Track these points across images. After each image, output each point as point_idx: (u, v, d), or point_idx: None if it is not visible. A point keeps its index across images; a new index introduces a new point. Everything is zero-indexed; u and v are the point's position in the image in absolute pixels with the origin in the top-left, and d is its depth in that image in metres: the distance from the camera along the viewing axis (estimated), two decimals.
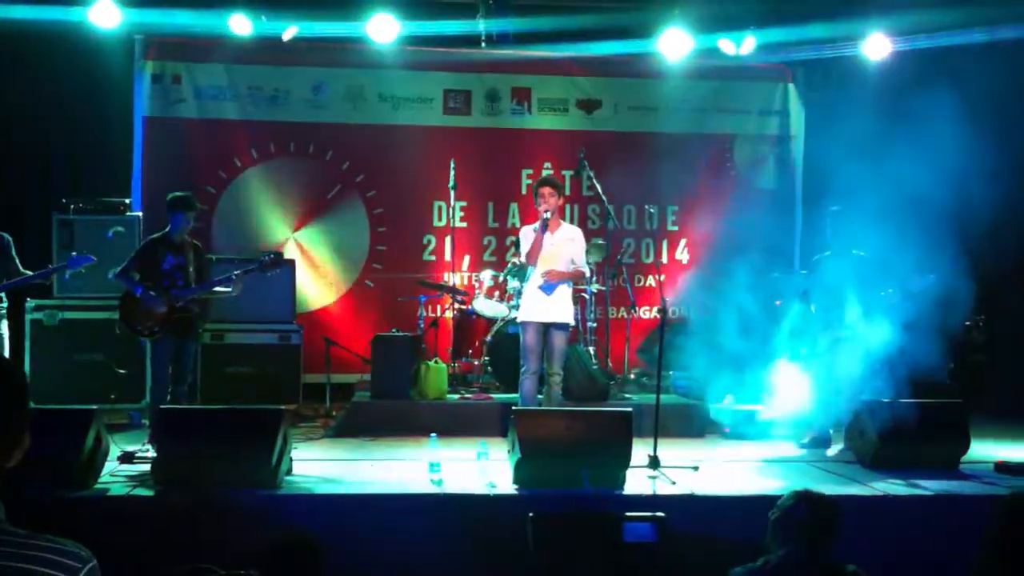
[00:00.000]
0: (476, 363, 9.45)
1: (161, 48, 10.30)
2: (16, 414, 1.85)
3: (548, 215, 7.37)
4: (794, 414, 8.06)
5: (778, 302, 8.73)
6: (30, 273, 7.45)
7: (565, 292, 7.53)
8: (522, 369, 7.52)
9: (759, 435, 8.16)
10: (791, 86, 11.21)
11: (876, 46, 9.94)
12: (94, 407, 6.25)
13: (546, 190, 7.44)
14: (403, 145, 10.53)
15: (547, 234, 7.43)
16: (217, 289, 7.39)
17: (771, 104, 11.26)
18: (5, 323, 7.42)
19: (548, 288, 7.40)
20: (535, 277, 7.49)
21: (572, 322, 7.68)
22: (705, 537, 5.67)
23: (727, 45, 10.17)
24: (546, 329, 7.47)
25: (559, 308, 7.48)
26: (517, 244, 8.80)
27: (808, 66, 10.89)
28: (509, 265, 9.36)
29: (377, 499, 5.90)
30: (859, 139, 9.16)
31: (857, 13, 9.80)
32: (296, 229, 10.55)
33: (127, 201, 9.61)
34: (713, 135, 10.96)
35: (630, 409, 6.40)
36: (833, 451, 7.54)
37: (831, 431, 7.75)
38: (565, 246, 7.52)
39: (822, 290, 7.85)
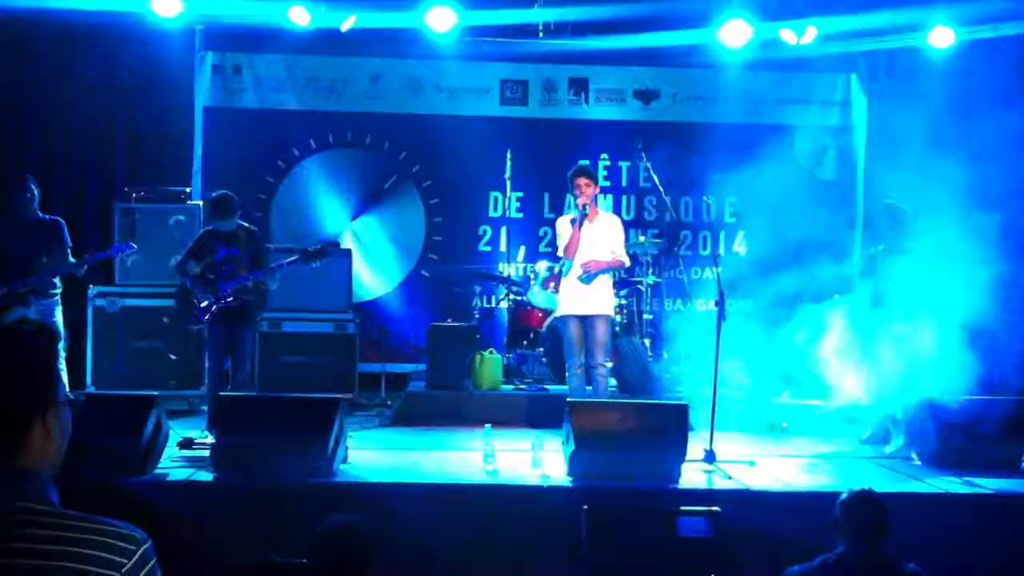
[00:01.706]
0: (531, 354, 9.43)
1: (221, 39, 10.40)
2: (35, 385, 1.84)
3: (586, 210, 7.31)
4: (853, 409, 7.94)
5: (837, 295, 8.60)
6: (74, 260, 7.55)
7: (604, 282, 7.45)
8: (567, 364, 7.48)
9: (817, 430, 8.04)
10: (853, 76, 11.02)
11: (940, 36, 9.73)
12: (154, 393, 6.33)
13: (582, 180, 7.35)
14: (460, 136, 10.52)
15: (586, 224, 7.37)
16: (258, 281, 7.43)
17: (833, 95, 11.08)
18: (59, 309, 7.53)
19: (588, 279, 7.33)
20: (573, 269, 7.42)
21: (612, 312, 7.58)
22: (760, 533, 5.61)
23: (788, 35, 10.00)
24: (585, 321, 7.39)
25: (598, 299, 7.39)
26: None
27: (871, 56, 10.69)
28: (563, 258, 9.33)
29: (431, 489, 5.91)
30: (923, 130, 8.99)
31: (921, 2, 9.60)
32: (353, 219, 10.61)
33: (188, 190, 9.73)
34: (773, 126, 10.79)
35: (686, 402, 6.34)
36: (893, 448, 7.41)
37: (891, 427, 7.61)
38: (603, 235, 7.43)
39: (878, 284, 7.72)
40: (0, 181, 7.58)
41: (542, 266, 9.25)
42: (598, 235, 7.41)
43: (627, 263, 7.73)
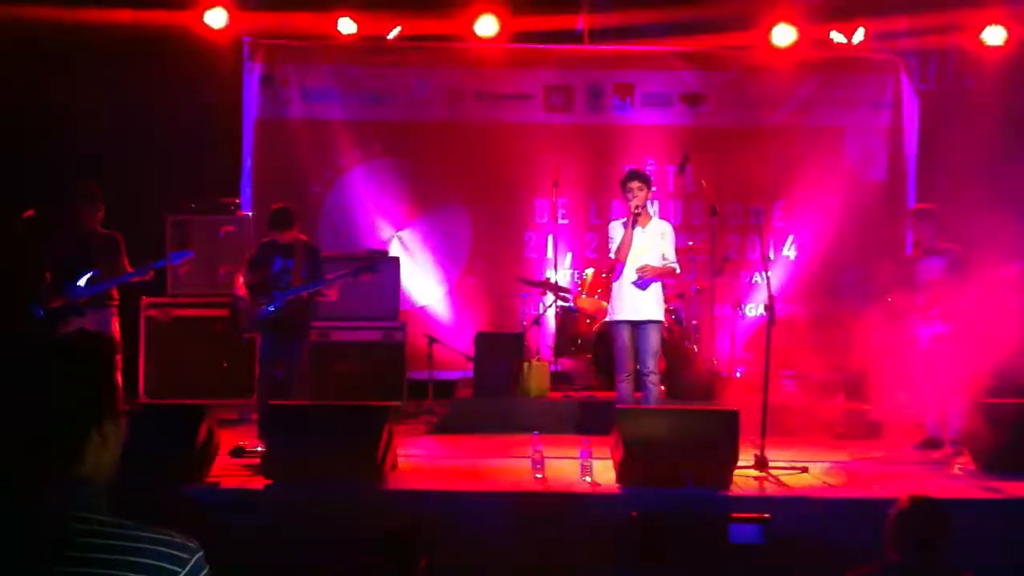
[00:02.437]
0: (578, 361, 9.40)
1: (269, 50, 10.51)
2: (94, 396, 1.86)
3: (638, 211, 7.25)
4: (906, 414, 7.83)
5: (889, 298, 8.48)
6: (129, 272, 7.63)
7: (656, 288, 7.38)
8: (617, 371, 7.43)
9: (870, 436, 7.94)
10: (904, 77, 10.87)
11: (993, 35, 9.58)
12: (206, 403, 6.40)
13: (634, 184, 7.27)
14: (505, 142, 10.52)
15: (638, 229, 7.32)
16: (313, 293, 7.48)
17: (883, 96, 10.93)
18: (116, 320, 7.63)
19: (643, 284, 7.28)
20: (624, 275, 7.35)
21: (662, 318, 7.52)
22: (813, 540, 5.54)
23: (837, 35, 9.91)
24: (637, 327, 7.34)
25: (648, 305, 7.31)
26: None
27: (922, 56, 10.55)
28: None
29: (480, 496, 5.91)
30: (975, 131, 8.87)
31: (973, 1, 9.47)
32: (400, 227, 10.66)
33: (237, 201, 9.84)
34: (822, 128, 10.69)
35: (736, 408, 6.28)
36: (947, 453, 7.28)
37: (943, 432, 7.48)
38: (655, 241, 7.37)
39: (920, 288, 7.60)
40: (67, 194, 7.70)
41: (589, 272, 9.22)
42: (650, 241, 7.35)
43: (678, 270, 7.67)
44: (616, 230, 7.45)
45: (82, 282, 7.25)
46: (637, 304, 7.28)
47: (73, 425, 1.81)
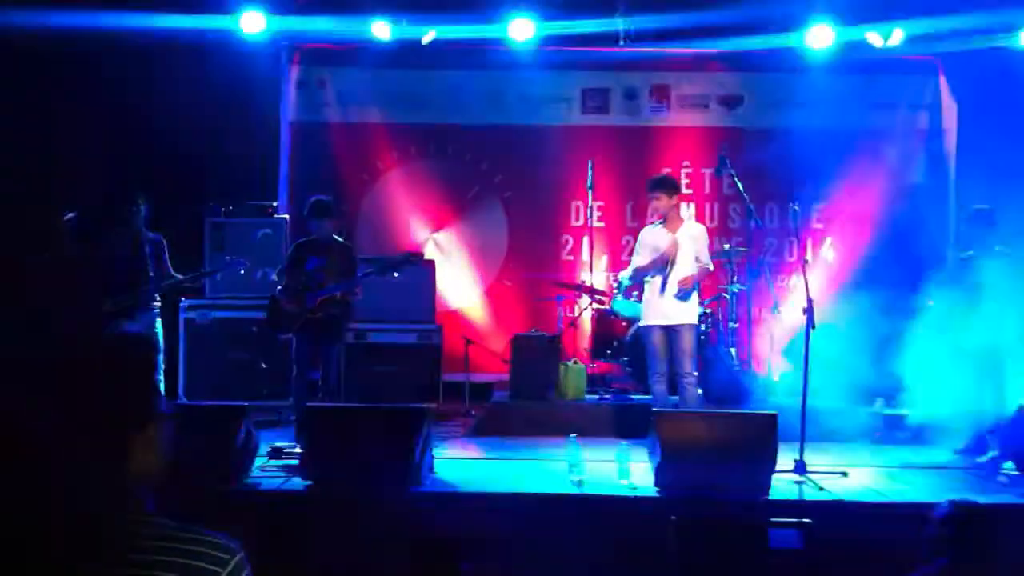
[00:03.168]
0: (615, 364, 9.37)
1: (306, 54, 10.58)
2: (139, 399, 1.87)
3: (661, 222, 7.30)
4: (947, 419, 7.73)
5: (931, 301, 8.38)
6: (179, 276, 7.72)
7: (689, 291, 7.42)
8: (650, 373, 7.45)
9: (910, 440, 7.85)
10: (942, 79, 10.75)
11: None
12: (245, 404, 6.44)
13: (652, 195, 7.42)
14: (541, 145, 10.54)
15: (667, 234, 7.40)
16: (344, 293, 7.51)
17: (921, 98, 10.84)
18: (160, 322, 7.70)
19: (686, 296, 7.29)
20: (656, 279, 7.40)
21: (696, 321, 7.52)
22: (853, 545, 5.47)
23: (875, 37, 9.81)
24: (670, 331, 7.35)
25: (683, 308, 7.35)
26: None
27: (961, 58, 10.41)
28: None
29: (517, 498, 5.91)
30: (1017, 132, 8.74)
31: (1012, 1, 9.34)
32: (436, 229, 10.69)
33: (274, 204, 9.90)
34: (861, 130, 10.58)
35: (775, 412, 6.23)
36: (988, 457, 7.18)
37: (986, 436, 7.38)
38: (688, 245, 7.38)
39: (972, 290, 7.49)
40: (111, 197, 7.79)
41: (625, 275, 9.18)
42: (683, 245, 7.36)
43: (712, 269, 7.68)
44: (647, 236, 7.49)
45: None
46: (670, 308, 7.31)
47: (117, 426, 1.82)
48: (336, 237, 7.69)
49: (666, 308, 7.34)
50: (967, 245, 7.64)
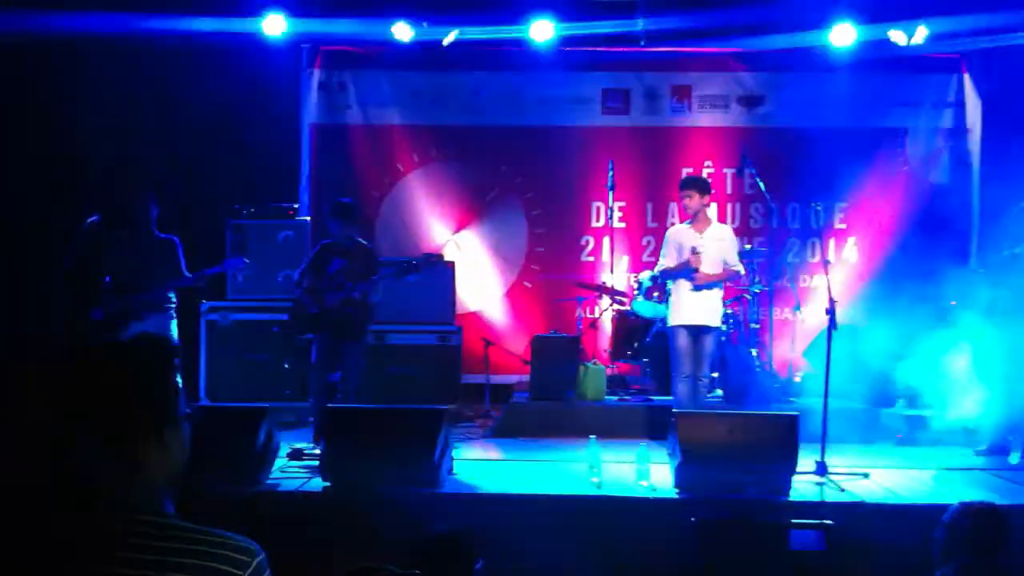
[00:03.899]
0: (635, 365, 9.36)
1: (327, 57, 10.61)
2: (157, 399, 1.87)
3: (690, 221, 7.30)
4: (970, 420, 7.68)
5: (953, 302, 8.33)
6: (190, 275, 7.74)
7: (715, 294, 7.45)
8: (674, 373, 7.47)
9: (933, 442, 7.79)
10: (967, 77, 10.67)
11: None
12: (266, 405, 6.47)
13: (684, 192, 7.47)
14: (561, 146, 10.53)
15: (695, 234, 7.45)
16: (363, 293, 7.53)
17: (945, 96, 10.75)
18: (175, 323, 7.72)
19: (698, 289, 7.31)
20: (682, 283, 7.44)
21: (721, 325, 7.59)
22: (875, 547, 5.45)
23: (898, 36, 9.74)
24: (696, 333, 7.38)
25: (708, 311, 7.42)
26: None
27: (985, 56, 10.34)
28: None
29: (537, 500, 5.90)
30: None
31: None
32: (456, 231, 10.69)
33: (295, 206, 9.94)
34: (883, 129, 10.52)
35: (796, 413, 6.20)
36: (1013, 459, 7.13)
37: (1010, 438, 7.32)
38: (715, 246, 7.41)
39: (1006, 290, 7.41)
40: (122, 198, 7.84)
41: (645, 276, 9.17)
42: (710, 247, 7.38)
43: (742, 271, 7.74)
44: (673, 236, 7.53)
45: None
46: (698, 310, 7.35)
47: (134, 429, 1.83)
48: (359, 240, 7.73)
49: (693, 310, 7.37)
50: (1017, 241, 7.51)
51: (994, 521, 3.72)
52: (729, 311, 8.93)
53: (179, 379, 1.93)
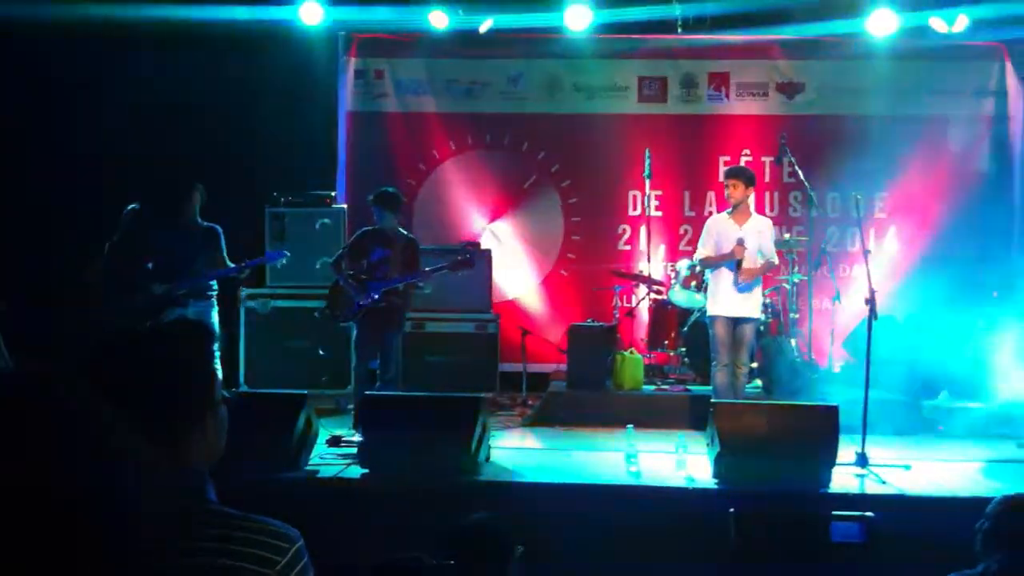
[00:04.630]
0: (672, 354, 9.31)
1: (363, 44, 10.61)
2: (197, 387, 1.87)
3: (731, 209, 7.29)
4: (1014, 411, 7.57)
5: (996, 292, 8.22)
6: (232, 265, 7.80)
7: (756, 285, 7.43)
8: (713, 363, 7.46)
9: (976, 434, 7.69)
10: (1008, 64, 10.49)
11: None
12: (305, 392, 6.50)
13: (729, 181, 7.47)
14: (598, 134, 10.47)
15: (734, 226, 7.46)
16: (410, 285, 7.56)
17: (986, 84, 10.57)
18: (216, 311, 7.78)
19: (746, 288, 7.31)
20: (723, 270, 7.42)
21: (760, 316, 7.60)
22: (917, 539, 5.38)
23: (938, 23, 9.60)
24: (735, 323, 7.37)
25: (749, 302, 7.43)
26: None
27: None
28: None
29: (574, 489, 5.90)
30: None
31: None
32: (492, 219, 10.68)
33: (333, 194, 9.97)
34: (924, 117, 10.37)
35: (836, 404, 6.14)
36: None
37: None
38: (753, 238, 7.40)
39: None
40: (164, 186, 7.90)
41: (683, 265, 9.11)
42: (749, 238, 7.36)
43: (777, 263, 7.69)
44: (713, 225, 7.51)
45: None
46: (737, 301, 7.35)
47: (177, 415, 1.83)
48: (401, 230, 7.75)
49: (732, 300, 7.37)
50: None
51: None
52: (768, 301, 8.87)
53: (218, 365, 1.94)
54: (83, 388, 1.50)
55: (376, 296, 7.41)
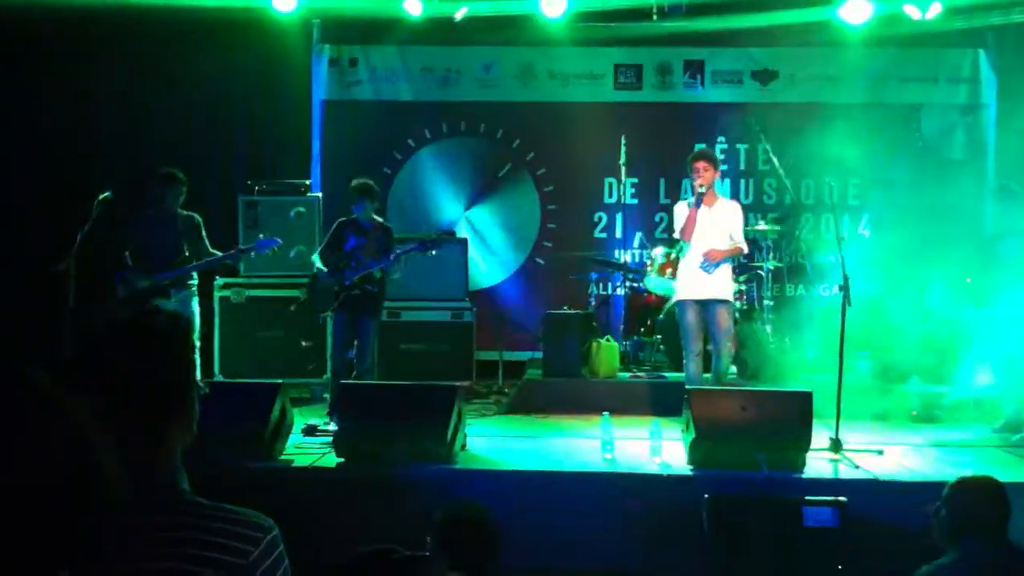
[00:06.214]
0: (648, 341, 9.33)
1: (337, 32, 10.56)
2: (175, 378, 1.86)
3: (703, 190, 7.23)
4: (985, 397, 7.64)
5: (968, 279, 8.27)
6: (219, 254, 7.78)
7: (724, 267, 7.40)
8: (684, 352, 7.43)
9: (948, 418, 7.76)
10: (981, 52, 10.55)
11: None
12: (279, 381, 6.48)
13: (700, 164, 7.32)
14: (573, 122, 10.46)
15: (704, 209, 7.32)
16: (382, 269, 7.55)
17: (960, 71, 10.64)
18: (196, 300, 7.77)
19: (709, 268, 7.26)
20: (691, 254, 7.37)
21: (731, 298, 7.52)
22: (889, 523, 5.45)
23: (912, 10, 9.64)
24: (705, 306, 7.32)
25: (717, 284, 7.33)
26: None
27: (1000, 31, 10.23)
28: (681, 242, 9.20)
29: (550, 476, 5.91)
30: None
31: None
32: (468, 208, 10.67)
33: (307, 183, 9.92)
34: (898, 105, 10.44)
35: (810, 390, 6.18)
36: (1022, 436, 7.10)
37: None
38: (723, 221, 7.36)
39: (998, 269, 7.39)
40: (143, 177, 7.86)
41: (658, 252, 9.12)
42: (717, 221, 7.35)
43: (745, 250, 7.65)
44: (681, 209, 7.48)
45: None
46: (705, 283, 7.30)
47: (161, 405, 1.82)
48: (376, 217, 7.76)
49: (701, 283, 7.31)
50: (997, 224, 7.51)
51: (994, 495, 3.65)
52: (743, 287, 8.90)
53: (196, 356, 1.93)
54: (58, 380, 1.49)
55: (351, 283, 7.40)
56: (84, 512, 1.70)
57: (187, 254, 7.70)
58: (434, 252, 7.70)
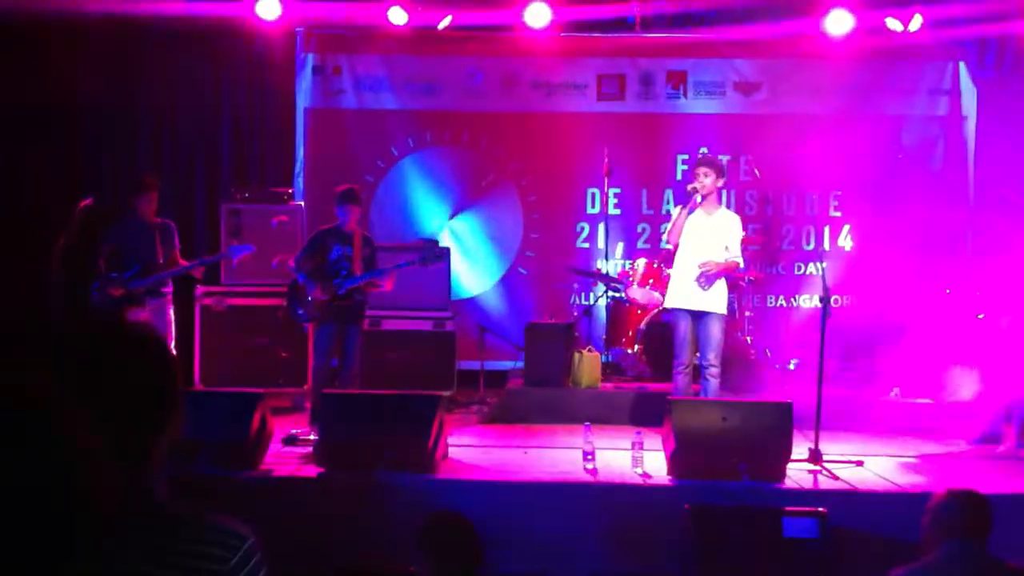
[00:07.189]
0: (630, 352, 9.34)
1: (321, 40, 10.54)
2: (164, 388, 1.85)
3: (700, 199, 7.22)
4: (964, 408, 7.69)
5: (948, 290, 8.34)
6: (187, 263, 7.75)
7: (712, 277, 7.36)
8: (675, 363, 7.39)
9: (927, 430, 7.80)
10: (962, 65, 10.63)
11: None
12: (260, 390, 6.45)
13: (700, 169, 7.31)
14: (556, 132, 10.47)
15: (704, 215, 7.28)
16: (371, 281, 7.55)
17: (941, 84, 10.70)
18: (171, 308, 7.74)
19: (705, 285, 7.21)
20: (686, 259, 7.32)
21: (724, 311, 7.44)
22: (868, 534, 5.49)
23: (893, 23, 9.73)
24: (698, 318, 7.29)
25: (712, 296, 7.25)
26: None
27: (981, 44, 10.32)
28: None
29: (531, 486, 5.91)
30: None
31: None
32: (451, 217, 10.67)
33: (290, 191, 9.91)
34: (879, 116, 10.49)
35: (790, 401, 6.20)
36: (1006, 447, 7.15)
37: (1003, 426, 7.33)
38: (720, 231, 7.33)
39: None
40: (124, 184, 7.85)
41: (641, 263, 9.16)
42: (716, 229, 7.30)
43: (741, 265, 7.60)
44: (676, 213, 7.46)
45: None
46: (700, 294, 7.22)
47: (153, 418, 1.81)
48: (356, 227, 7.74)
49: (695, 293, 7.26)
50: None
51: (977, 506, 3.72)
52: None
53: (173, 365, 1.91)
54: (44, 386, 1.48)
55: (342, 294, 7.41)
56: (80, 513, 1.70)
57: (162, 261, 7.68)
58: (433, 267, 7.72)
